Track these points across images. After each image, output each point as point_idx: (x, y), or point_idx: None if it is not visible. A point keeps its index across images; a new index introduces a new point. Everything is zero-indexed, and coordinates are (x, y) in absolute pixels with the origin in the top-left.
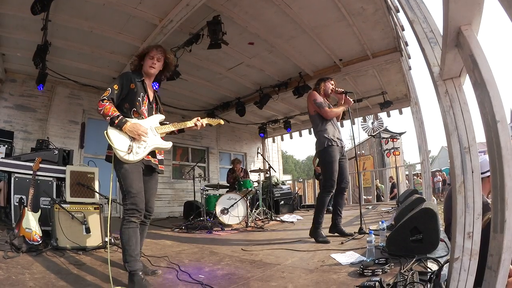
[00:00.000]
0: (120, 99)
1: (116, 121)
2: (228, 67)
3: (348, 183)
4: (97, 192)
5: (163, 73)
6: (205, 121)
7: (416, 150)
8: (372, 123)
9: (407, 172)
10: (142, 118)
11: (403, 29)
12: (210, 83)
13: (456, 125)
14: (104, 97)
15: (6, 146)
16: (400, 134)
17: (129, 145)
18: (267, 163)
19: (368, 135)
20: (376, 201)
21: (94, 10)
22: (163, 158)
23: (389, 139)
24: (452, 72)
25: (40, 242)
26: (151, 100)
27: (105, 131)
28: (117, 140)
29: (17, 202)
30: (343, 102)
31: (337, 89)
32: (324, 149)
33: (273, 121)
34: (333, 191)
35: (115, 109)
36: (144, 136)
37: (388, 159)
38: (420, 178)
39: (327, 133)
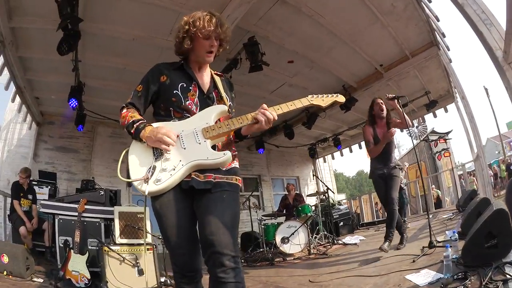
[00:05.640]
0: (150, 101)
1: (132, 130)
2: (271, 89)
3: (392, 199)
4: (149, 233)
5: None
6: (278, 108)
7: (462, 149)
8: (417, 127)
9: (460, 172)
10: (187, 116)
11: (438, 20)
12: (254, 109)
13: None
14: (123, 104)
15: (49, 187)
16: (447, 133)
17: (149, 167)
18: (323, 185)
19: (416, 140)
20: (435, 209)
21: (124, 46)
22: (234, 166)
23: (438, 141)
24: None
25: (89, 284)
26: (206, 89)
27: (126, 150)
28: (136, 162)
29: (62, 244)
30: (386, 133)
31: (387, 95)
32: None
33: (322, 140)
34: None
35: (133, 114)
36: (167, 143)
37: (440, 162)
38: (473, 177)
39: (371, 166)
